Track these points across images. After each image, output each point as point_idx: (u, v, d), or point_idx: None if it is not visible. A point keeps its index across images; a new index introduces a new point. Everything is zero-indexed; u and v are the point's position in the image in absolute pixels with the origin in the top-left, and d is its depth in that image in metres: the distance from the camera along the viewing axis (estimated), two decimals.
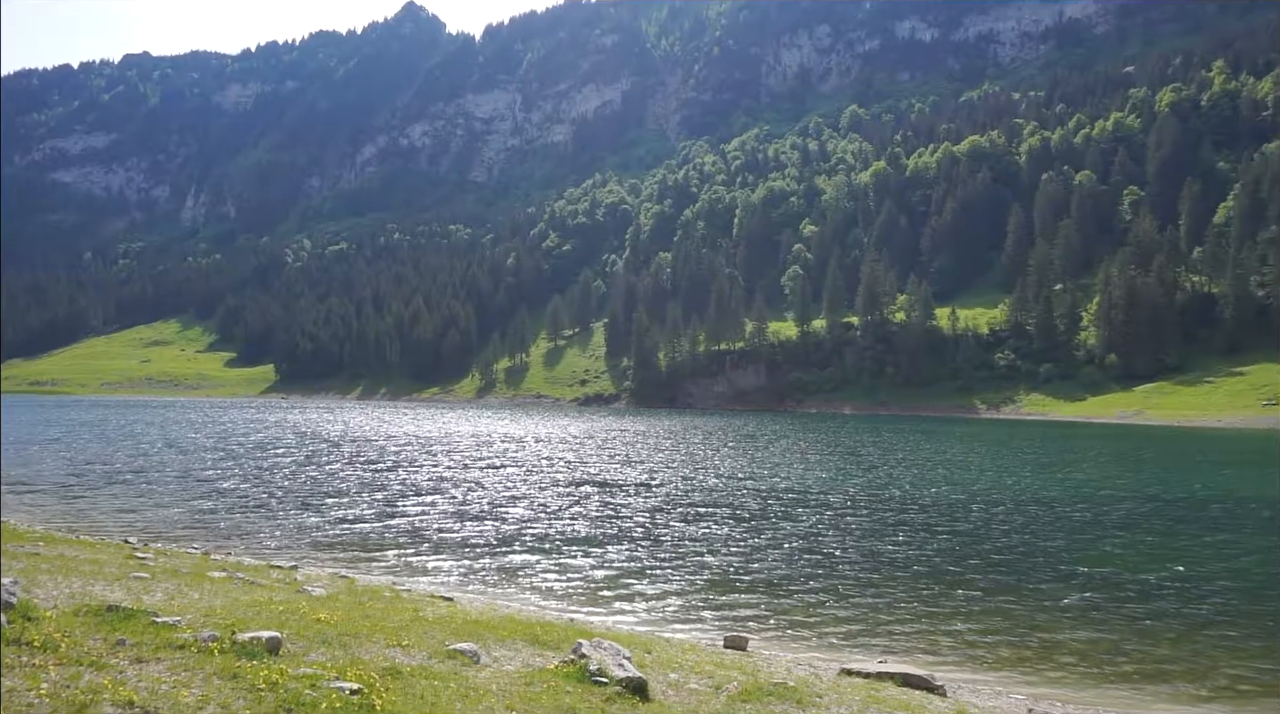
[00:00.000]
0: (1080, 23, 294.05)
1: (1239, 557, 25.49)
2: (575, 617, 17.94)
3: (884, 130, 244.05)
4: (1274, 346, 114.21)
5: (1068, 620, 18.78)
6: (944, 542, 27.38)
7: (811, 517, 32.11)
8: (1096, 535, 28.97)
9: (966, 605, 19.90)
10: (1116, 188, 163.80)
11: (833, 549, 25.89)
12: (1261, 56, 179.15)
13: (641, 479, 43.03)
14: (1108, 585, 21.79)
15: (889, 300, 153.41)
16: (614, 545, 25.87)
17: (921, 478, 45.57)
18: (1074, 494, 39.23)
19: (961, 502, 36.41)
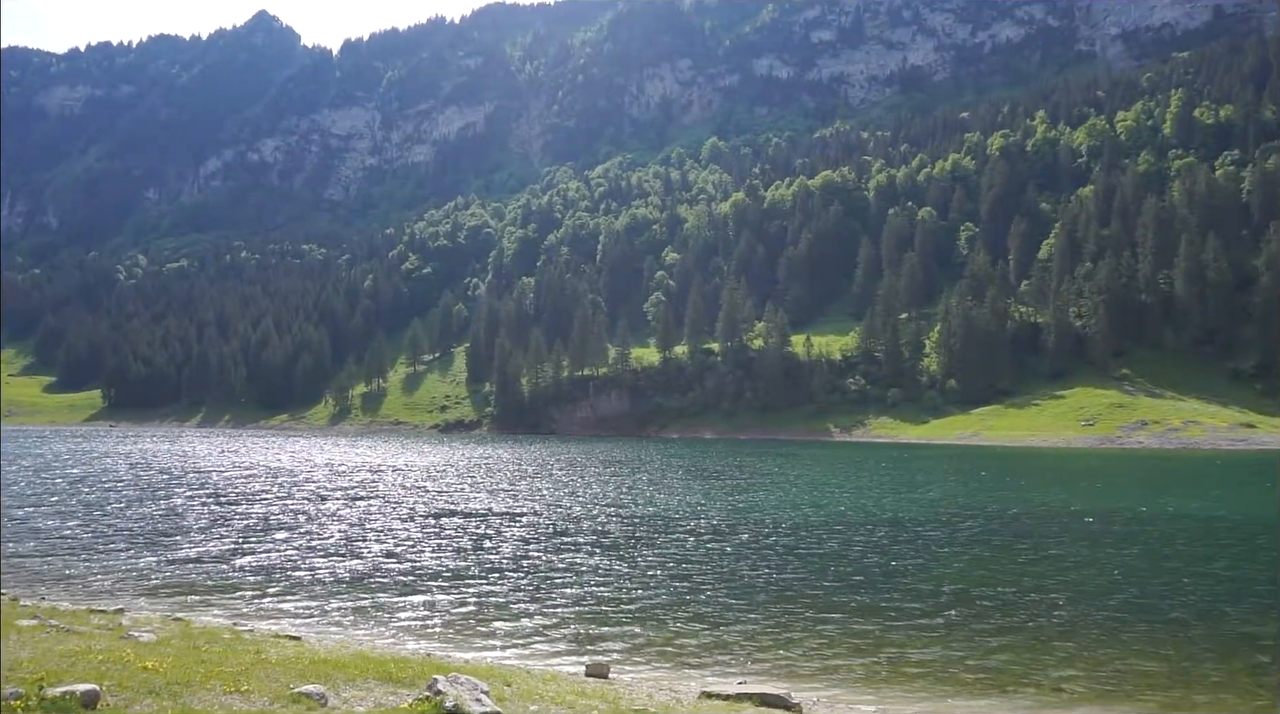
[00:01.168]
0: (921, 70, 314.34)
1: (1075, 569, 27.37)
2: (434, 651, 17.32)
3: (743, 162, 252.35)
4: (1091, 372, 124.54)
5: (917, 636, 19.59)
6: (803, 563, 28.13)
7: (674, 542, 32.34)
8: (945, 552, 30.47)
9: (823, 624, 20.46)
10: (955, 223, 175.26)
11: (695, 574, 26.12)
12: (1076, 109, 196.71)
13: (505, 508, 42.31)
14: (955, 601, 22.90)
15: (748, 327, 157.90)
16: (476, 577, 25.23)
17: (782, 501, 46.80)
18: (924, 514, 41.20)
19: (819, 523, 37.58)
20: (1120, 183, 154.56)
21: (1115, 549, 31.00)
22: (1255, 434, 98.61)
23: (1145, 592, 23.81)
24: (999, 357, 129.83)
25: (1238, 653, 18.08)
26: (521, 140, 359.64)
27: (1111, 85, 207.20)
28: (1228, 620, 20.62)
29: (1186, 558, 29.27)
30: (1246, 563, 28.52)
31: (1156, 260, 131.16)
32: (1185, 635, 19.32)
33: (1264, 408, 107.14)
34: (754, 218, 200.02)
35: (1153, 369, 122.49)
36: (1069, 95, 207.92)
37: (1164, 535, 34.24)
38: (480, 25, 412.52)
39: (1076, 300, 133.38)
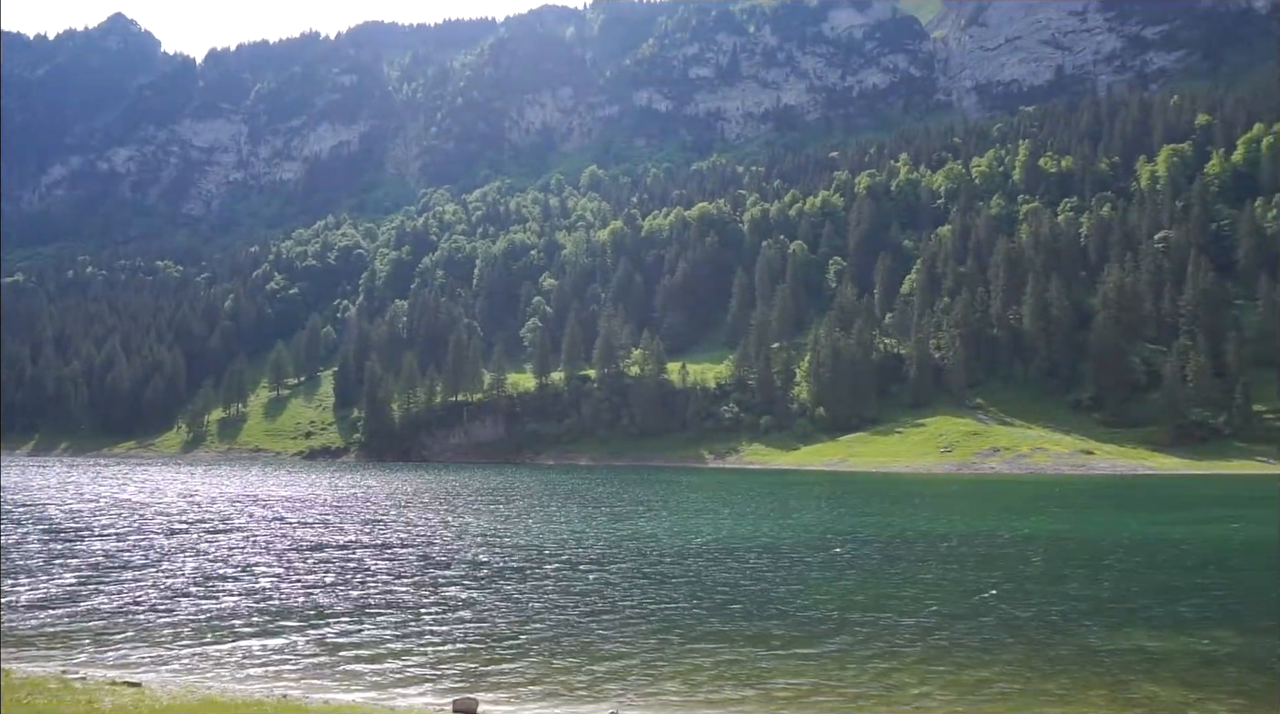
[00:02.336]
0: (794, 109, 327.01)
1: (942, 591, 28.53)
2: (291, 692, 16.42)
3: (622, 191, 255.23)
4: (949, 402, 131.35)
5: (789, 662, 19.94)
6: (680, 591, 28.25)
7: (551, 573, 31.94)
8: (818, 578, 31.23)
9: (698, 654, 20.54)
10: (824, 257, 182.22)
11: (572, 605, 25.83)
12: (935, 153, 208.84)
13: (373, 540, 40.83)
14: (827, 626, 23.46)
15: (625, 354, 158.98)
16: (340, 614, 24.15)
17: (660, 529, 47.00)
18: (798, 540, 42.17)
19: (697, 551, 37.90)
20: (975, 224, 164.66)
21: (978, 571, 32.54)
22: (1093, 460, 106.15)
23: (1007, 612, 25.06)
24: (865, 386, 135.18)
25: (1096, 669, 19.21)
26: (398, 161, 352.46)
27: (967, 133, 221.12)
28: (1085, 637, 21.89)
29: (1044, 579, 31.03)
30: (1097, 582, 30.45)
31: (1007, 297, 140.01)
32: (1045, 653, 20.40)
33: (1100, 436, 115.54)
34: (632, 246, 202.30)
35: (1003, 399, 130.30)
36: (929, 141, 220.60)
37: (1021, 556, 36.22)
38: (356, 42, 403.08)
39: (935, 333, 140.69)
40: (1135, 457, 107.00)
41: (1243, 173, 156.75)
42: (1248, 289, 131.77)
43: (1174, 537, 42.02)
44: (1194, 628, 22.66)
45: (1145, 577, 31.03)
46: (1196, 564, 33.94)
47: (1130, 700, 17.07)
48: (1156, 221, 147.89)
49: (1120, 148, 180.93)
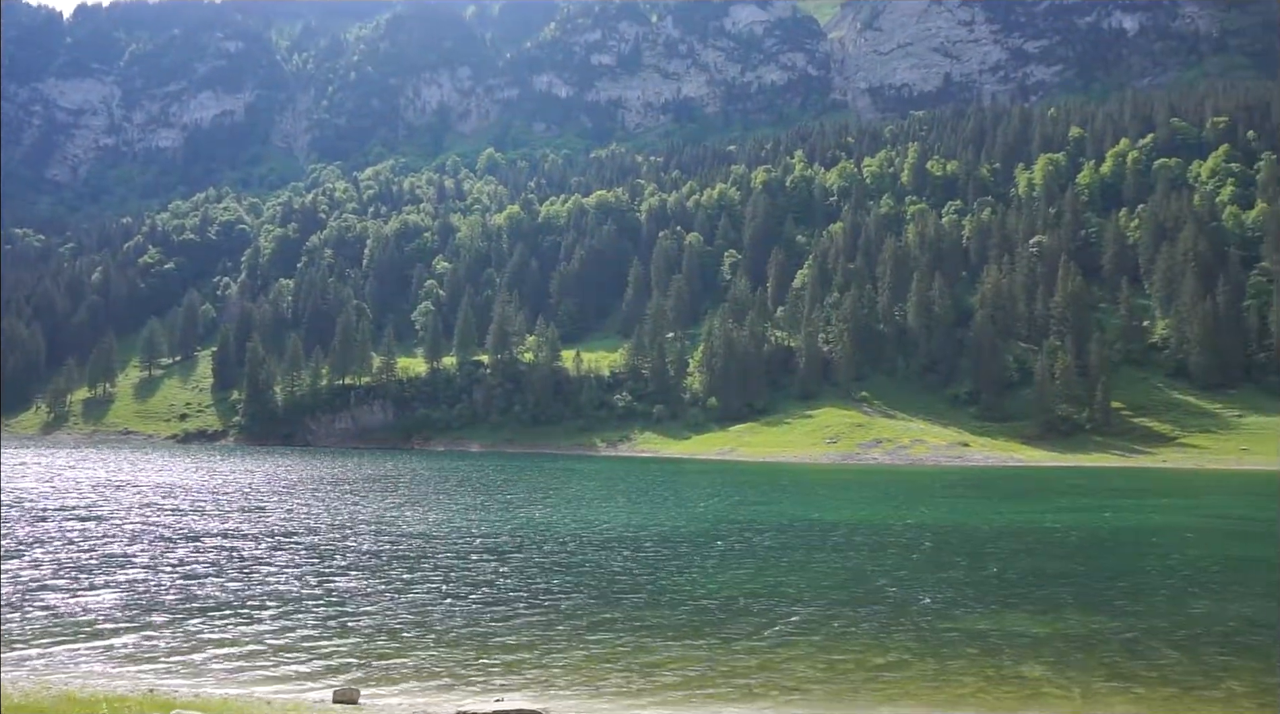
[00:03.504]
0: (694, 101, 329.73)
1: (827, 576, 29.30)
2: (158, 687, 15.56)
3: (519, 176, 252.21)
4: (836, 394, 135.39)
5: (675, 646, 20.11)
6: (570, 578, 28.15)
7: (441, 560, 31.35)
8: (707, 565, 31.63)
9: (585, 638, 20.51)
10: (719, 249, 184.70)
11: (460, 592, 25.40)
12: (830, 152, 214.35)
13: (252, 528, 39.23)
14: (713, 611, 23.77)
15: (519, 340, 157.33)
16: (218, 604, 23.07)
17: (553, 516, 46.78)
18: (688, 528, 42.64)
19: (589, 538, 37.86)
20: (865, 222, 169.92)
21: (867, 558, 33.60)
22: (969, 452, 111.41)
23: (895, 597, 25.94)
24: (756, 377, 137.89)
25: (978, 650, 20.06)
26: (285, 134, 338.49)
27: (860, 134, 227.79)
28: (969, 620, 22.85)
29: (931, 565, 32.26)
30: (982, 568, 31.87)
31: (893, 294, 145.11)
32: (930, 636, 21.19)
33: (975, 429, 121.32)
34: (528, 232, 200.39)
35: (887, 392, 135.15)
36: (824, 139, 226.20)
37: (909, 544, 37.59)
38: (243, 8, 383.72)
39: (825, 327, 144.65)
40: (1007, 449, 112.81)
41: (1110, 184, 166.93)
42: (1111, 294, 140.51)
43: (1049, 524, 44.46)
44: (1070, 611, 23.98)
45: (1025, 562, 32.70)
46: (1072, 550, 35.99)
47: (1007, 679, 17.92)
48: (1032, 227, 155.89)
49: (1001, 155, 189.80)
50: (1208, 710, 16.29)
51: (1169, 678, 18.02)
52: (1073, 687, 17.41)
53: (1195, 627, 22.14)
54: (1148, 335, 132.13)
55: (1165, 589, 27.25)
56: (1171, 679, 17.93)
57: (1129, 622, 22.69)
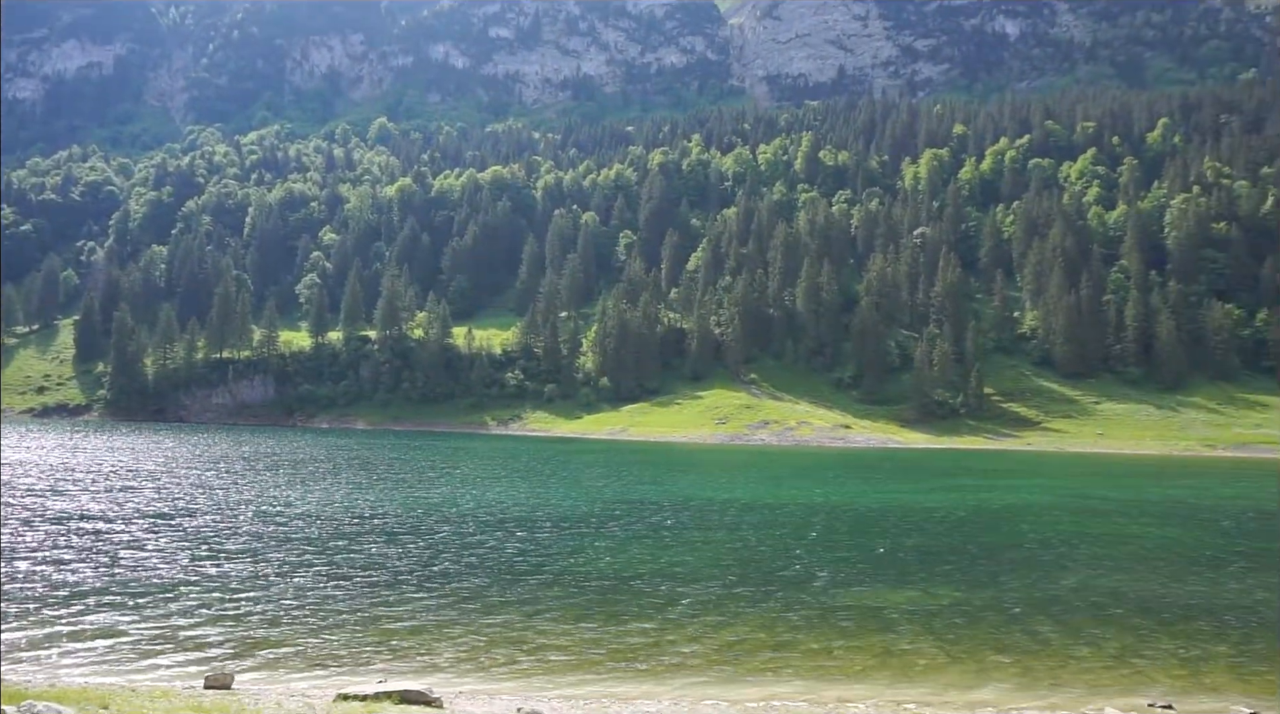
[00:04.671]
0: (593, 79, 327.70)
1: (712, 552, 29.69)
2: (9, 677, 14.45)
3: (412, 148, 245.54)
4: (725, 376, 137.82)
5: (562, 624, 20.02)
6: (458, 559, 27.67)
7: (321, 541, 30.34)
8: (597, 545, 31.62)
9: (471, 618, 20.19)
10: (615, 230, 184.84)
11: (341, 574, 24.62)
12: (726, 137, 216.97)
13: (116, 509, 37.05)
14: (602, 589, 23.77)
15: (408, 316, 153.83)
16: (77, 588, 21.65)
17: (443, 496, 45.92)
18: (578, 506, 42.55)
19: (476, 518, 37.34)
20: (758, 208, 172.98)
21: (758, 536, 34.23)
22: (851, 433, 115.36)
23: (785, 573, 26.50)
24: (648, 358, 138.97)
25: (864, 624, 20.67)
26: (160, 93, 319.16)
27: (756, 121, 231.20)
28: (854, 596, 23.53)
29: (820, 544, 33.10)
30: (868, 546, 32.90)
31: (783, 279, 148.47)
32: (819, 611, 21.72)
33: (858, 412, 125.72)
34: (420, 205, 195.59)
35: (775, 375, 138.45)
36: (721, 124, 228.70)
37: (802, 522, 38.50)
38: None
39: (717, 310, 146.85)
40: (886, 431, 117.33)
41: (989, 181, 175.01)
42: (987, 285, 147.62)
43: (931, 504, 46.37)
44: (953, 586, 25.01)
45: (912, 540, 33.95)
46: (952, 528, 37.58)
47: (893, 653, 18.56)
48: (916, 218, 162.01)
49: (890, 148, 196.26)
50: (1084, 678, 17.28)
51: (1048, 648, 19.03)
52: (955, 658, 18.17)
53: (1068, 599, 23.49)
54: (1018, 325, 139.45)
55: (1038, 564, 28.82)
56: (1050, 650, 18.93)
57: (1008, 595, 23.89)
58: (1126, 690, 16.59)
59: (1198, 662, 18.35)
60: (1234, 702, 16.03)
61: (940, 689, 16.56)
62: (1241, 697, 16.32)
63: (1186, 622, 21.44)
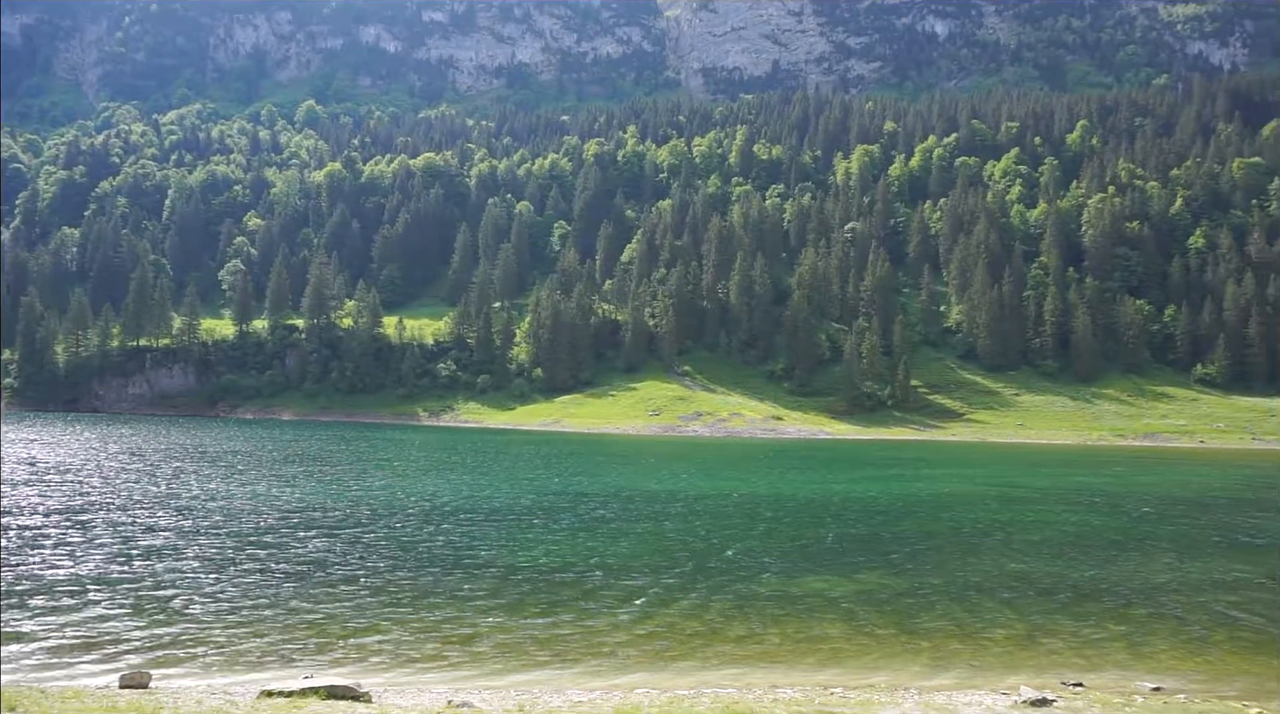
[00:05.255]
0: (529, 67, 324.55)
1: (642, 541, 29.79)
2: None
3: (342, 132, 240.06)
4: (659, 368, 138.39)
5: (490, 615, 19.90)
6: (386, 551, 27.25)
7: (245, 535, 29.56)
8: (526, 536, 31.46)
9: (400, 611, 19.93)
10: (549, 220, 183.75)
11: (264, 568, 24.03)
12: (661, 129, 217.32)
13: (28, 503, 35.51)
14: (530, 580, 23.68)
15: (337, 305, 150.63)
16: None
17: (372, 487, 45.16)
18: (511, 498, 42.28)
19: (407, 510, 36.83)
20: (693, 200, 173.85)
21: (689, 526, 34.45)
22: (782, 425, 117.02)
23: (715, 563, 26.73)
24: (582, 349, 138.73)
25: (790, 610, 20.97)
26: (72, 66, 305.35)
27: (692, 113, 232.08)
28: (784, 583, 23.86)
29: (748, 532, 33.46)
30: (798, 534, 33.37)
31: (717, 272, 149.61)
32: (749, 599, 21.96)
33: (789, 404, 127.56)
34: (350, 191, 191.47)
35: (708, 366, 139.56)
36: (657, 116, 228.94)
37: (731, 512, 38.88)
38: None
39: (651, 302, 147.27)
40: (817, 423, 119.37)
41: (918, 177, 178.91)
42: (914, 279, 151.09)
43: (864, 493, 47.29)
44: (876, 573, 25.57)
45: (844, 529, 34.56)
46: (882, 516, 38.40)
47: (821, 638, 18.90)
48: (847, 213, 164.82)
49: (822, 143, 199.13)
50: (1001, 659, 17.87)
51: (968, 631, 19.62)
52: (881, 642, 18.61)
53: (989, 583, 24.24)
54: (944, 319, 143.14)
55: (962, 550, 29.66)
56: (970, 632, 19.52)
57: (932, 581, 24.53)
58: (1041, 670, 17.23)
59: (1106, 641, 19.16)
60: (1139, 677, 16.78)
61: (865, 672, 16.96)
62: (1145, 673, 17.09)
63: (1097, 603, 22.35)
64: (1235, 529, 36.55)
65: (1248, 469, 70.55)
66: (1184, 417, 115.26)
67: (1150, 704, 14.90)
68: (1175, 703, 15.11)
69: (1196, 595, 23.63)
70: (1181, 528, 36.60)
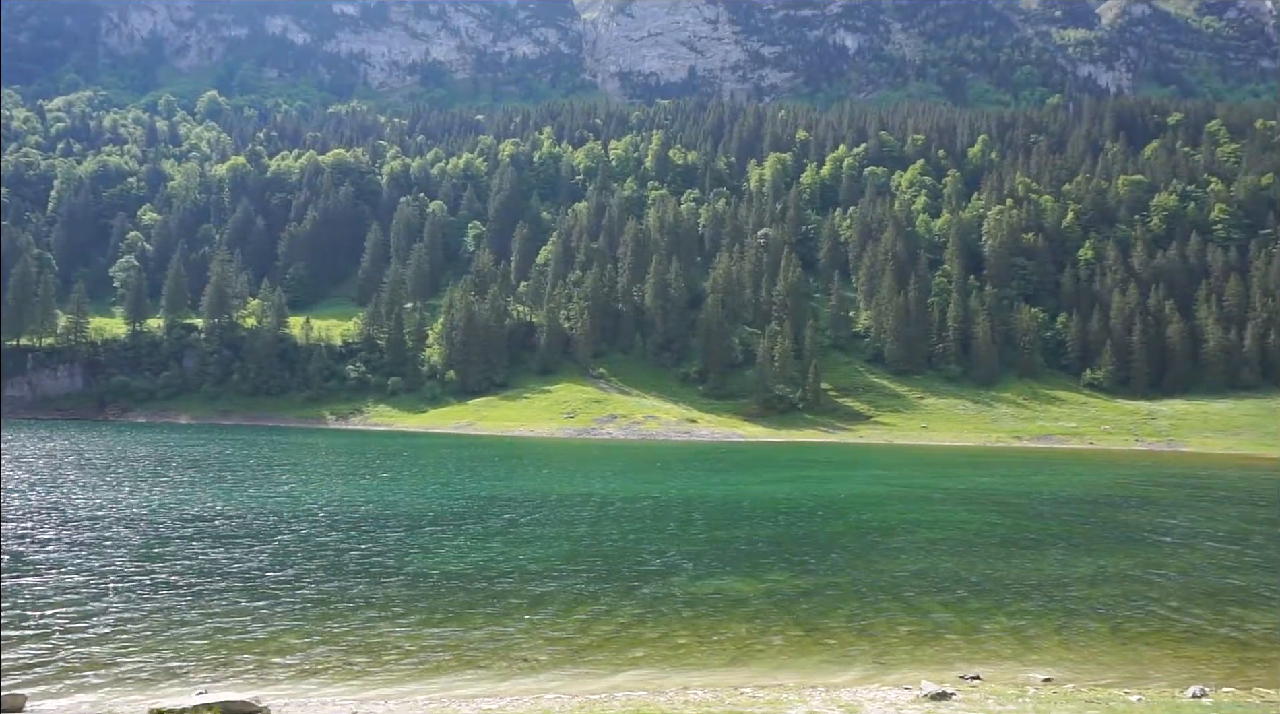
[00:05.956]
0: (443, 65, 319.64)
1: (554, 545, 29.53)
2: None
3: (246, 125, 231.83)
4: (575, 370, 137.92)
5: (398, 624, 19.42)
6: (288, 560, 26.36)
7: (135, 545, 28.18)
8: (440, 543, 30.85)
9: (306, 621, 19.29)
10: (463, 220, 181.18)
11: (159, 580, 22.96)
12: (578, 131, 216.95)
13: None
14: (439, 587, 23.22)
15: (240, 304, 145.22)
16: None
17: (278, 494, 43.68)
18: (427, 504, 41.41)
19: (310, 518, 35.75)
20: (609, 203, 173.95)
21: (605, 529, 34.32)
22: (696, 427, 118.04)
23: (628, 566, 26.66)
24: (496, 351, 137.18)
25: (703, 610, 21.04)
26: None
27: (608, 116, 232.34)
28: (696, 584, 23.93)
29: (660, 534, 33.50)
30: (713, 535, 33.57)
31: (632, 275, 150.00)
32: (661, 601, 21.95)
33: (703, 406, 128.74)
34: (255, 187, 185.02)
35: (623, 369, 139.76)
36: (573, 118, 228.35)
37: (643, 514, 38.88)
38: None
39: (567, 304, 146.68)
40: (730, 425, 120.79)
41: (828, 186, 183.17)
42: (825, 285, 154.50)
43: (779, 495, 47.93)
44: (797, 571, 25.91)
45: (761, 529, 34.94)
46: (802, 516, 38.99)
47: (732, 639, 19.04)
48: (760, 219, 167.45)
49: (737, 149, 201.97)
50: (904, 655, 18.34)
51: (873, 629, 20.07)
52: (790, 641, 18.87)
53: (895, 582, 24.86)
54: (853, 324, 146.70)
55: (872, 550, 30.38)
56: (875, 630, 19.97)
57: (840, 580, 25.04)
58: (941, 665, 17.77)
59: (1002, 635, 19.89)
60: (1031, 669, 17.49)
61: (774, 671, 17.18)
62: (1036, 665, 17.83)
63: (993, 599, 23.19)
64: (1121, 525, 38.48)
65: (1132, 469, 74.45)
66: (1074, 419, 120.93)
67: (1041, 694, 15.52)
68: (1063, 692, 15.78)
69: (1083, 590, 24.76)
70: (1072, 525, 38.34)
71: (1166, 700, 15.18)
